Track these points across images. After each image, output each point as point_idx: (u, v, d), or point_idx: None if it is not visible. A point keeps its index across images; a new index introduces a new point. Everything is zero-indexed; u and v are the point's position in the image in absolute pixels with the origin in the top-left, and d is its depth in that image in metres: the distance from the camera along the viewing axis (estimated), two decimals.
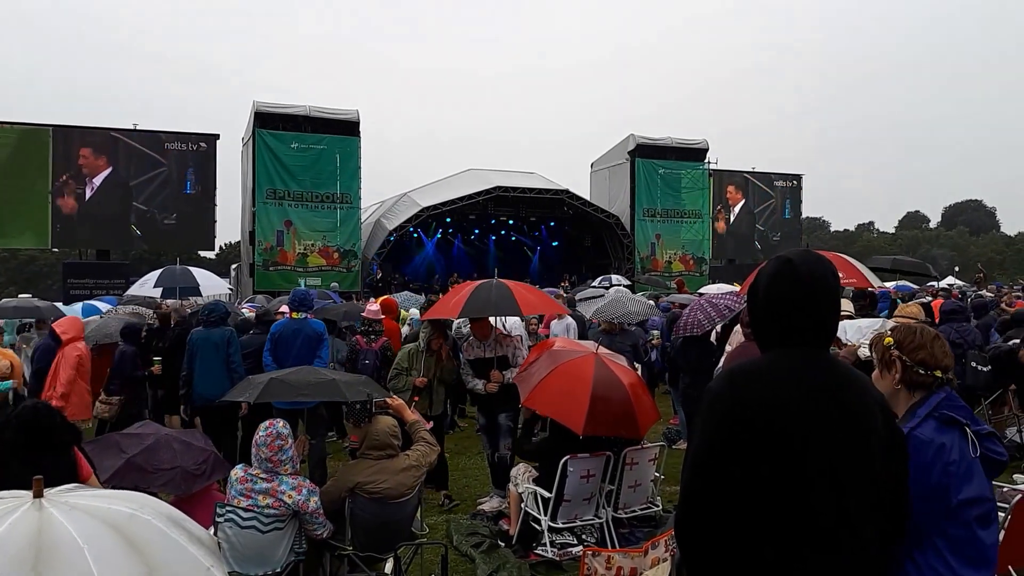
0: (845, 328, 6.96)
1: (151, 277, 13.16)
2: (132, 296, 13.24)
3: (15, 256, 48.88)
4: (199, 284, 12.25)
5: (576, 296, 14.44)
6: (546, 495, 5.25)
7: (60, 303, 13.78)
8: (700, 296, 8.81)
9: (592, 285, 20.50)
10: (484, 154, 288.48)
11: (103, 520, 1.79)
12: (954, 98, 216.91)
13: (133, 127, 22.94)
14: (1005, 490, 4.72)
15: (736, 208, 31.29)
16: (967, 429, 2.12)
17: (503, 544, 5.49)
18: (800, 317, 1.86)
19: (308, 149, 22.96)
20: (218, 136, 23.93)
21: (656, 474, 5.91)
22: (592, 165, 31.82)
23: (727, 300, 7.35)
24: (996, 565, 2.13)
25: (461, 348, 6.81)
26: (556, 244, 31.32)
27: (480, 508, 6.45)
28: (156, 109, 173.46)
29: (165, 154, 23.11)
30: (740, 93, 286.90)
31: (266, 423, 4.21)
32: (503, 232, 31.50)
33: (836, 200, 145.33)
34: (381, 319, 7.73)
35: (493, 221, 29.45)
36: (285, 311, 7.67)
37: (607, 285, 18.63)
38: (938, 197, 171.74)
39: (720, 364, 6.05)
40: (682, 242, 28.83)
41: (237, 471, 4.15)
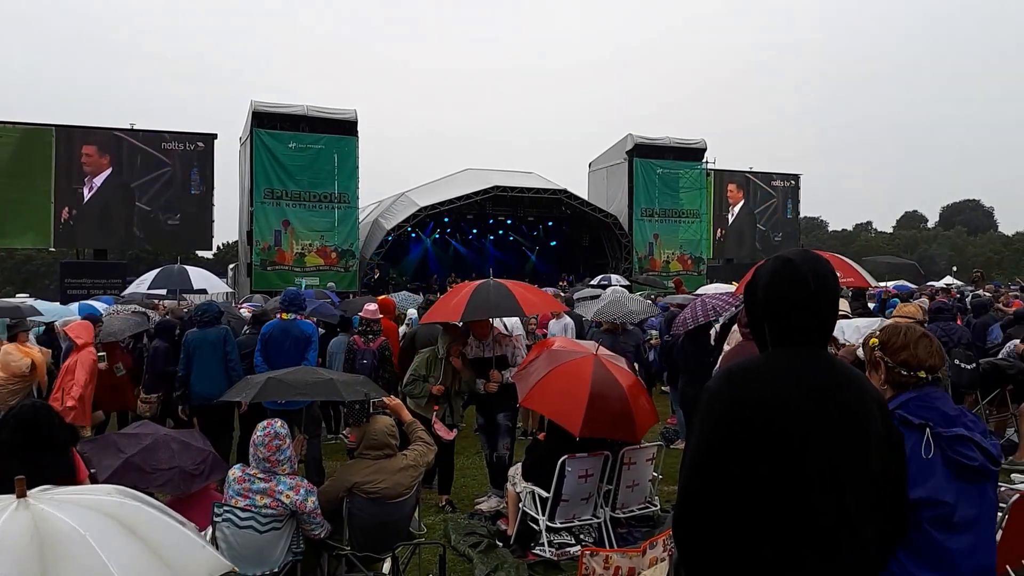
0: (843, 328, 6.97)
1: (148, 277, 13.15)
2: (131, 295, 13.22)
3: (12, 256, 48.76)
4: (193, 284, 12.18)
5: (574, 295, 14.45)
6: (544, 495, 5.25)
7: (57, 303, 13.77)
8: (697, 296, 8.79)
9: (590, 284, 20.54)
10: (482, 154, 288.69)
11: (94, 508, 1.80)
12: (952, 98, 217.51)
13: (131, 127, 22.89)
14: (1002, 490, 4.67)
15: (736, 208, 31.32)
16: (928, 430, 2.10)
17: (501, 544, 5.49)
18: (801, 317, 1.86)
19: (306, 149, 22.94)
20: (216, 136, 23.92)
21: (654, 474, 5.91)
22: (590, 165, 31.83)
23: (721, 300, 7.33)
24: (971, 572, 2.09)
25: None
26: (554, 244, 31.31)
27: (478, 508, 6.45)
28: (154, 109, 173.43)
29: (169, 154, 23.03)
30: (738, 93, 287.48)
31: (264, 423, 4.19)
32: (501, 232, 31.47)
33: (834, 200, 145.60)
34: (379, 319, 7.71)
35: (491, 221, 29.45)
36: None
37: (605, 284, 18.64)
38: (936, 197, 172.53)
39: (718, 363, 6.04)
40: (680, 242, 28.85)
41: (235, 471, 4.14)
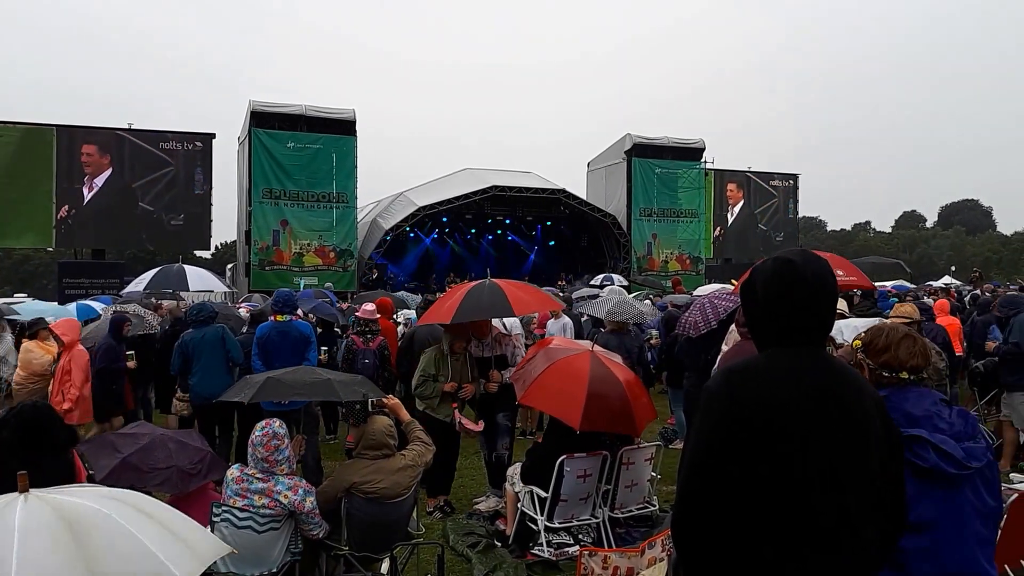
0: (841, 328, 6.96)
1: (145, 277, 13.16)
2: (129, 295, 13.21)
3: (10, 255, 48.72)
4: (190, 284, 12.16)
5: (573, 295, 14.45)
6: (543, 495, 5.25)
7: (55, 302, 13.77)
8: (700, 297, 8.80)
9: (591, 284, 20.57)
10: (481, 153, 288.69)
11: (105, 496, 1.82)
12: (951, 97, 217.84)
13: (129, 126, 22.86)
14: (1001, 490, 4.70)
15: (735, 208, 31.33)
16: None
17: (499, 544, 5.48)
18: (801, 317, 1.85)
19: (304, 148, 22.93)
20: (214, 135, 23.90)
21: (653, 474, 5.91)
22: (589, 165, 31.83)
23: (728, 301, 7.34)
24: (930, 574, 2.08)
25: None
26: (553, 244, 31.30)
27: (476, 508, 6.44)
28: (152, 109, 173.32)
29: (173, 154, 22.98)
30: (736, 92, 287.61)
31: (262, 423, 4.19)
32: (499, 232, 31.46)
33: (833, 200, 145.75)
34: (376, 319, 7.70)
35: (490, 221, 29.43)
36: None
37: (606, 284, 18.67)
38: (935, 197, 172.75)
39: (716, 363, 6.03)
40: (678, 241, 28.86)
41: (233, 471, 4.13)
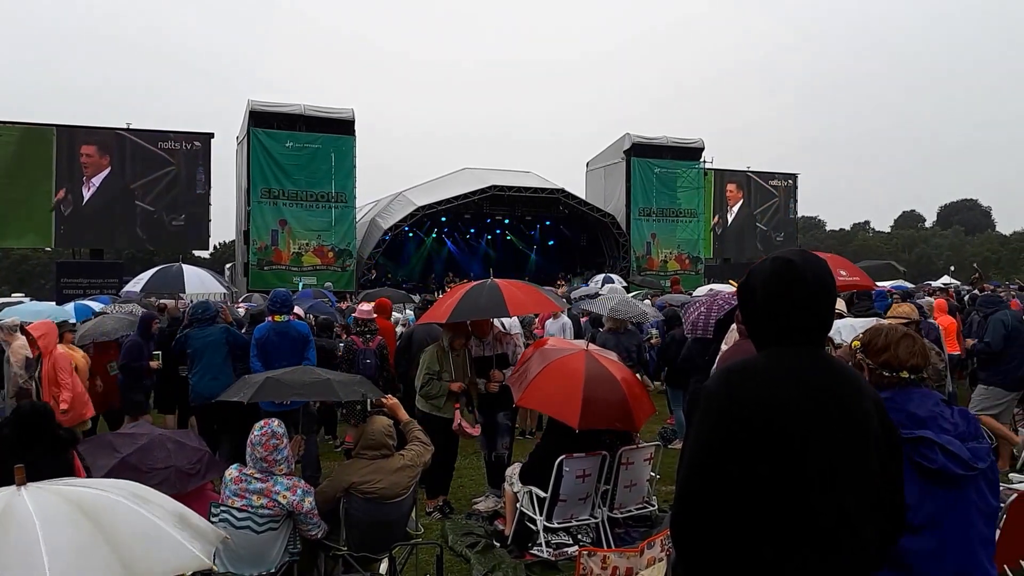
0: (840, 329, 6.95)
1: (144, 277, 13.14)
2: (128, 295, 13.20)
3: (8, 255, 48.66)
4: (187, 286, 12.11)
5: (572, 295, 14.45)
6: (542, 495, 5.24)
7: (53, 302, 13.75)
8: (706, 297, 8.82)
9: (590, 283, 20.58)
10: (480, 153, 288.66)
11: (102, 485, 1.82)
12: (950, 97, 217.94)
13: (127, 126, 22.83)
14: (1000, 490, 4.69)
15: (735, 207, 31.34)
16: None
17: (498, 544, 5.48)
18: (800, 316, 1.85)
19: (303, 148, 22.92)
20: (212, 135, 23.88)
21: (652, 474, 5.90)
22: (588, 164, 31.83)
23: (730, 302, 7.35)
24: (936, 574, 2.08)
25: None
26: (552, 243, 31.31)
27: (475, 508, 6.44)
28: (150, 109, 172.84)
29: (174, 154, 22.95)
30: (735, 92, 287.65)
31: (261, 422, 4.19)
32: (498, 231, 31.47)
33: (832, 200, 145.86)
34: (374, 318, 7.71)
35: (488, 220, 29.43)
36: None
37: (608, 283, 18.70)
38: (934, 196, 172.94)
39: (715, 363, 6.03)
40: (678, 241, 28.87)
41: (232, 471, 4.13)
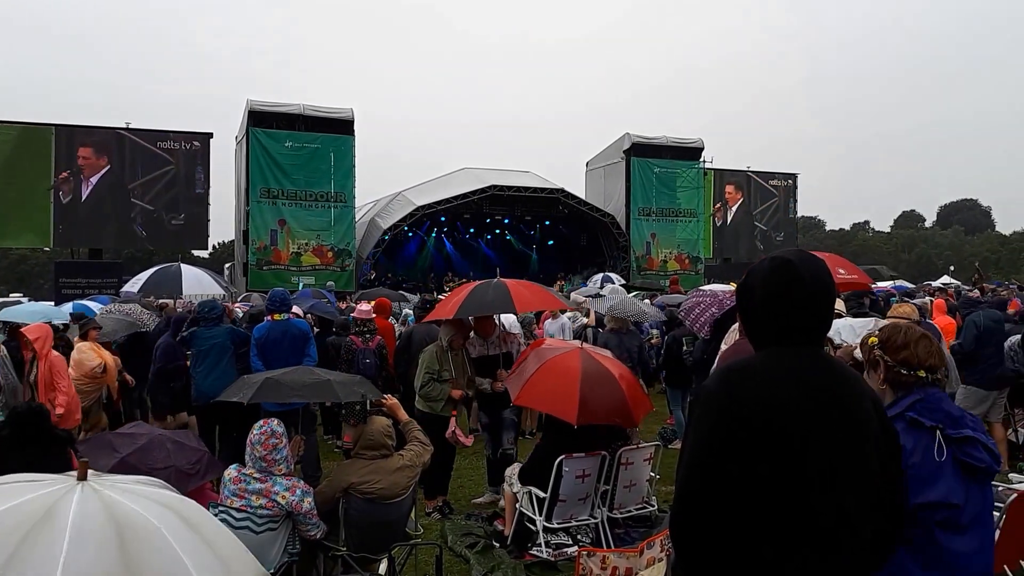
0: (839, 329, 6.94)
1: (142, 277, 13.12)
2: (127, 295, 13.19)
3: (6, 255, 48.64)
4: (184, 287, 12.07)
5: (572, 295, 14.45)
6: (541, 495, 5.24)
7: (51, 303, 13.73)
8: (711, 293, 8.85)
9: (589, 282, 20.56)
10: (479, 152, 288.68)
11: (154, 500, 1.85)
12: (950, 97, 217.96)
13: (126, 125, 22.81)
14: (1000, 489, 4.64)
15: (734, 207, 31.33)
16: (938, 433, 2.10)
17: (498, 544, 5.48)
18: (800, 316, 1.84)
19: (302, 148, 22.88)
20: (211, 135, 23.86)
21: (651, 474, 5.91)
22: (587, 164, 31.80)
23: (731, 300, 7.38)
24: (976, 573, 2.09)
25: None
26: (551, 243, 31.28)
27: (475, 501, 6.49)
28: (148, 108, 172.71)
29: (173, 153, 22.90)
30: (735, 91, 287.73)
31: (261, 422, 4.19)
32: (498, 231, 31.45)
33: (832, 199, 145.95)
34: (373, 318, 7.72)
35: (488, 220, 29.40)
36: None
37: (607, 283, 18.70)
38: (934, 196, 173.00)
39: (715, 363, 6.03)
40: (677, 241, 28.83)
41: (231, 471, 4.12)
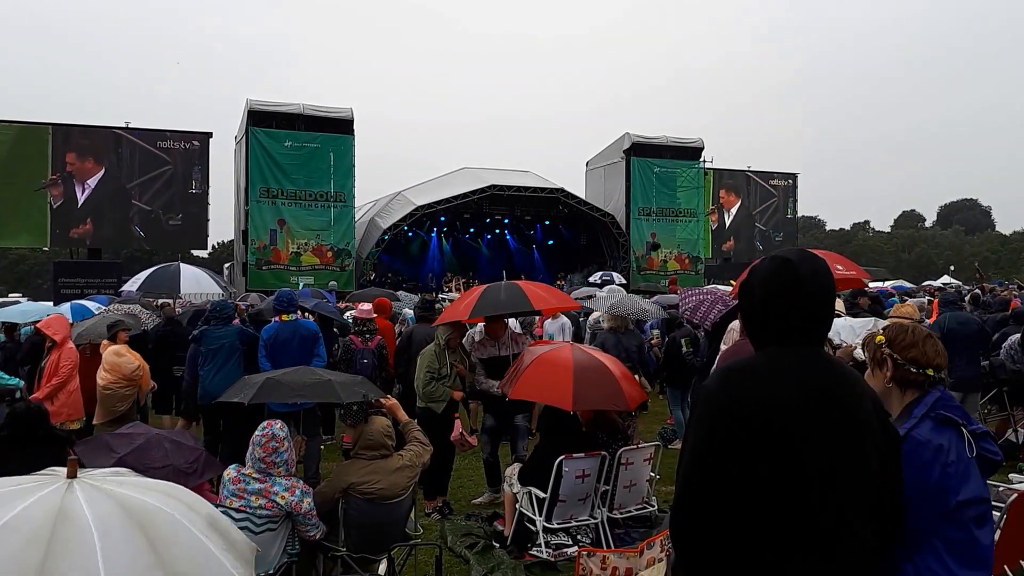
0: (838, 329, 6.94)
1: (141, 277, 13.06)
2: (127, 295, 13.16)
3: (5, 255, 48.63)
4: (183, 287, 12.00)
5: (572, 294, 14.44)
6: (541, 495, 5.24)
7: (50, 302, 13.72)
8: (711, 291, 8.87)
9: (589, 282, 20.56)
10: (479, 152, 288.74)
11: (152, 488, 1.83)
12: (950, 96, 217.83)
13: (126, 125, 22.79)
14: (1000, 489, 4.68)
15: (734, 207, 31.34)
16: (964, 429, 2.11)
17: (497, 545, 5.48)
18: (800, 316, 1.84)
19: (302, 147, 22.88)
20: (211, 134, 23.84)
21: (651, 474, 5.91)
22: (587, 164, 31.81)
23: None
24: (992, 566, 2.12)
25: (471, 350, 6.64)
26: (551, 243, 31.28)
27: (474, 502, 6.49)
28: (147, 108, 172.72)
29: (171, 153, 22.90)
30: (735, 90, 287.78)
31: (264, 423, 4.19)
32: (498, 231, 31.46)
33: (832, 199, 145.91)
34: (374, 318, 7.71)
35: (488, 220, 29.41)
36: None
37: (607, 281, 18.74)
38: (934, 196, 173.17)
39: (715, 362, 6.04)
40: (678, 241, 28.85)
41: (230, 471, 4.11)
